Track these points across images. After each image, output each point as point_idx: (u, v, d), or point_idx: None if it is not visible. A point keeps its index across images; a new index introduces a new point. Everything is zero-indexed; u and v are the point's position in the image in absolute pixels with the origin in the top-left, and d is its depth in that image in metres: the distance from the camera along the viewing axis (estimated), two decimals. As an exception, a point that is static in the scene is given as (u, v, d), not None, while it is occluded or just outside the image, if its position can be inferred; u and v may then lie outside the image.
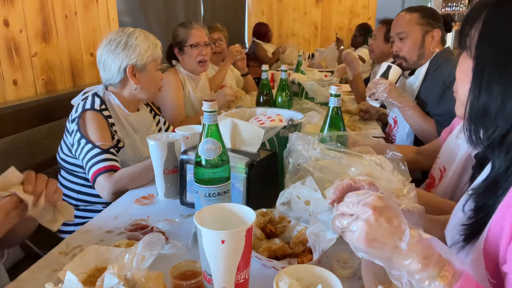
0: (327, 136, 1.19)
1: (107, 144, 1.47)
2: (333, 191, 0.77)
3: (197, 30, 2.34)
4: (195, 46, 2.32)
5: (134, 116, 1.67)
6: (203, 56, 2.35)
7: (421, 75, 1.97)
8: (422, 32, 1.92)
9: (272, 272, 0.85)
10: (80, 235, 1.08)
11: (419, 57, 1.95)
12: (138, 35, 1.58)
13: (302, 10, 6.87)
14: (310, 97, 2.48)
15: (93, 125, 1.49)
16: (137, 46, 1.56)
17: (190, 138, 1.29)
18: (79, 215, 1.60)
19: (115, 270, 0.71)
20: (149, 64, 1.60)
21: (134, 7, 3.07)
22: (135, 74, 1.59)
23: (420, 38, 1.93)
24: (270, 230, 0.97)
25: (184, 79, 2.40)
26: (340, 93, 1.16)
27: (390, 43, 2.92)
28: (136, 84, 1.60)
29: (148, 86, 1.63)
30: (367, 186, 0.78)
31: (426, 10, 1.99)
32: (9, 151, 1.62)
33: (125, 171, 1.41)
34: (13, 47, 1.74)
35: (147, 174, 1.38)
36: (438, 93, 1.83)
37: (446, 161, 1.37)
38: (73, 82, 2.15)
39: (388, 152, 1.13)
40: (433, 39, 1.92)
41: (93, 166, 1.43)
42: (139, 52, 1.56)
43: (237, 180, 1.06)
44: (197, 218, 0.73)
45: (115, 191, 1.39)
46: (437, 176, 1.42)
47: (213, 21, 4.61)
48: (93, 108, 1.52)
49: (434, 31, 1.91)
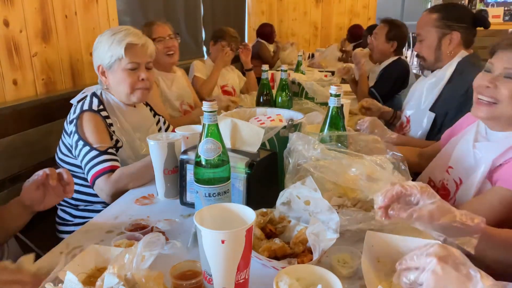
0: (327, 136, 1.19)
1: (104, 145, 1.46)
2: (382, 198, 0.75)
3: (158, 25, 2.35)
4: (159, 40, 2.31)
5: (133, 114, 1.66)
6: (169, 48, 2.35)
7: (446, 77, 1.89)
8: (438, 35, 1.86)
9: (272, 272, 0.85)
10: (80, 235, 1.08)
11: (436, 59, 1.90)
12: (106, 33, 1.56)
13: (302, 10, 6.87)
14: (310, 97, 2.48)
15: (91, 126, 1.48)
16: (100, 45, 1.55)
17: (190, 138, 1.28)
18: (79, 215, 1.60)
19: (115, 270, 0.71)
20: (115, 63, 1.53)
21: (134, 7, 3.07)
22: (104, 73, 1.57)
23: (435, 41, 1.87)
24: (270, 230, 0.97)
25: (157, 79, 2.37)
26: (340, 93, 1.16)
27: (391, 42, 2.93)
28: (105, 83, 1.60)
29: (117, 86, 1.57)
30: (419, 193, 0.76)
31: (447, 11, 1.89)
32: (9, 151, 1.62)
33: (124, 172, 1.40)
34: (13, 47, 1.74)
35: (146, 173, 1.38)
36: (460, 100, 1.75)
37: (462, 173, 1.29)
38: (73, 82, 2.14)
39: (388, 152, 1.13)
40: (451, 42, 1.84)
41: (91, 169, 1.43)
42: (102, 51, 1.54)
43: (237, 180, 1.06)
44: (197, 218, 0.73)
45: (114, 193, 1.39)
46: (452, 188, 1.33)
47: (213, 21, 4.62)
48: (91, 109, 1.51)
49: (452, 33, 1.83)
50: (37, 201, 1.12)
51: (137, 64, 1.55)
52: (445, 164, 1.39)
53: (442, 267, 0.61)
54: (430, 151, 1.59)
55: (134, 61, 1.54)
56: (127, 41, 1.51)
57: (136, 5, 3.09)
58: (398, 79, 2.89)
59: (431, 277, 0.61)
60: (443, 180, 1.39)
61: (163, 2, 3.48)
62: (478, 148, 1.24)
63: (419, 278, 0.63)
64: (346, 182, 1.04)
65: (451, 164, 1.36)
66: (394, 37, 2.90)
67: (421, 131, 1.97)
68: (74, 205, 1.60)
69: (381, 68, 3.00)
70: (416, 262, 0.64)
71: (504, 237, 0.92)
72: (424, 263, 0.63)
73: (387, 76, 2.91)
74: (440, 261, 0.62)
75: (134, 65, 1.54)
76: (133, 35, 1.54)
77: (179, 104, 2.47)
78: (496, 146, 1.19)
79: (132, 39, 1.53)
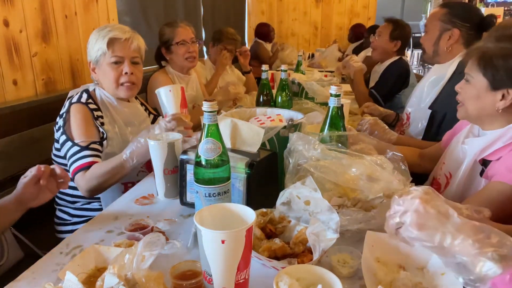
0: (327, 136, 1.19)
1: (87, 140, 1.47)
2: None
3: (182, 28, 2.34)
4: (181, 43, 2.31)
5: (125, 109, 1.66)
6: (190, 53, 2.35)
7: (447, 75, 1.91)
8: (440, 29, 1.88)
9: (272, 272, 0.85)
10: (80, 235, 1.08)
11: (434, 53, 1.93)
12: (94, 31, 1.58)
13: (302, 10, 6.87)
14: (310, 97, 2.48)
15: (77, 119, 1.50)
16: (89, 43, 1.59)
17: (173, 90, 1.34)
18: (77, 214, 1.61)
19: (115, 270, 0.71)
20: (100, 58, 1.56)
21: (134, 7, 3.07)
22: (94, 69, 1.61)
23: (436, 35, 1.90)
24: (270, 230, 0.97)
25: (174, 79, 2.38)
26: (340, 93, 1.16)
27: (394, 42, 2.93)
28: (95, 78, 1.62)
29: (104, 81, 1.60)
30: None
31: (456, 8, 1.90)
32: (9, 151, 1.62)
33: (95, 172, 1.39)
34: (13, 47, 1.74)
35: (118, 172, 1.37)
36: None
37: (452, 167, 1.35)
38: (73, 82, 2.14)
39: (388, 152, 1.13)
40: (450, 39, 1.87)
41: (72, 164, 1.44)
42: (90, 48, 1.58)
43: (237, 180, 1.06)
44: (197, 218, 0.73)
45: (90, 190, 1.40)
46: (443, 182, 1.40)
47: (213, 21, 4.62)
48: (79, 101, 1.53)
49: (453, 30, 1.85)
50: (32, 197, 1.13)
51: (120, 58, 1.56)
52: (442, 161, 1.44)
53: (424, 206, 0.70)
54: (431, 152, 1.59)
55: (116, 55, 1.56)
56: (110, 36, 1.54)
57: (136, 5, 3.09)
58: (399, 78, 2.88)
59: (413, 215, 0.71)
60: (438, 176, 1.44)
61: (163, 2, 3.48)
62: (466, 144, 1.30)
63: (403, 217, 0.72)
64: (346, 182, 1.04)
65: (444, 161, 1.42)
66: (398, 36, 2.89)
67: (420, 128, 1.99)
68: (72, 202, 1.60)
69: (383, 68, 3.00)
70: (402, 206, 0.73)
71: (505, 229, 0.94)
72: (408, 205, 0.72)
73: (388, 76, 2.90)
74: (422, 201, 0.71)
75: (117, 59, 1.56)
76: (117, 29, 1.57)
77: (192, 106, 2.49)
78: (481, 139, 1.24)
79: (115, 33, 1.55)
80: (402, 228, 0.73)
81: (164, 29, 2.35)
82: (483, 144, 1.20)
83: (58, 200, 1.64)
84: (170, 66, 2.43)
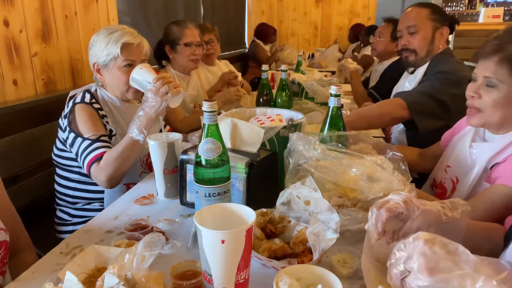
0: (327, 136, 1.19)
1: (96, 133, 1.47)
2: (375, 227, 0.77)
3: (190, 29, 2.36)
4: (188, 45, 2.33)
5: (127, 110, 1.66)
6: (195, 56, 2.38)
7: (420, 75, 1.95)
8: (433, 27, 1.91)
9: (272, 272, 0.85)
10: (80, 235, 1.08)
11: (428, 53, 1.94)
12: (102, 33, 1.57)
13: (302, 10, 6.87)
14: (310, 97, 2.48)
15: (83, 116, 1.50)
16: (96, 44, 1.57)
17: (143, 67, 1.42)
18: (77, 214, 1.61)
19: (115, 270, 0.71)
20: (111, 62, 1.56)
21: (134, 7, 3.07)
22: (100, 70, 1.60)
23: (430, 33, 1.91)
24: (270, 230, 0.97)
25: (174, 79, 2.38)
26: (340, 93, 1.16)
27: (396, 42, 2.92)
28: (100, 80, 1.62)
29: (112, 83, 1.60)
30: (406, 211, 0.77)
31: (436, 7, 1.98)
32: (9, 151, 1.62)
33: (109, 157, 1.40)
34: (13, 47, 1.74)
35: (131, 152, 1.39)
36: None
37: (458, 172, 1.30)
38: (73, 82, 2.14)
39: (388, 152, 1.13)
40: (442, 36, 1.92)
41: (85, 158, 1.44)
42: (98, 49, 1.56)
43: (237, 180, 1.06)
44: (197, 218, 0.73)
45: (109, 178, 1.40)
46: (449, 186, 1.35)
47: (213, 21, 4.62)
48: (83, 102, 1.54)
49: (443, 28, 1.91)
50: None
51: (132, 61, 1.57)
52: (445, 164, 1.41)
53: (430, 247, 0.61)
54: (431, 151, 1.60)
55: (129, 59, 1.56)
56: (123, 41, 1.54)
57: (136, 5, 3.09)
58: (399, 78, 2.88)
59: (420, 258, 0.61)
60: (441, 179, 1.41)
61: (163, 2, 3.47)
62: (475, 148, 1.26)
63: (408, 264, 0.63)
64: (346, 182, 1.04)
65: (449, 164, 1.38)
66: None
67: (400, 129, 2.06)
68: (72, 203, 1.60)
69: (383, 67, 3.00)
70: (404, 251, 0.64)
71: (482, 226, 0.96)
72: (412, 249, 0.63)
73: (388, 76, 2.90)
74: (427, 242, 0.62)
75: (129, 62, 1.56)
76: (129, 34, 1.57)
77: (193, 106, 2.50)
78: (491, 145, 1.20)
79: (128, 39, 1.55)
80: (410, 276, 0.62)
81: (172, 28, 2.36)
82: (494, 150, 1.17)
83: (58, 201, 1.64)
84: (171, 65, 2.43)
